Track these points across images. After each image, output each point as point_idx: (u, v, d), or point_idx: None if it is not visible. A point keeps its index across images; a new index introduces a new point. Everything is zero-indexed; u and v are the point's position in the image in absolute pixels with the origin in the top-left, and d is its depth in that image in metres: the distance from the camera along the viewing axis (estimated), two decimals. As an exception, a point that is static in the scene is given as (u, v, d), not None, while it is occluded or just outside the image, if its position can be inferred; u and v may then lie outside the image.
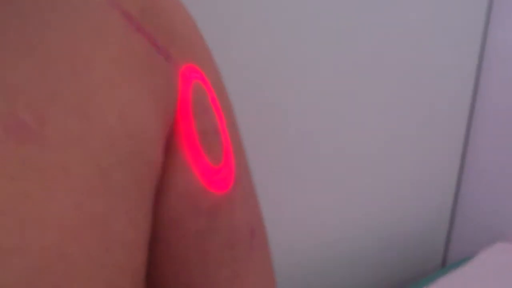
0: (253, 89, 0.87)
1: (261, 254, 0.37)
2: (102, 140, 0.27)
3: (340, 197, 1.08)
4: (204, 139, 0.33)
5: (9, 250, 0.22)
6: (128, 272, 0.28)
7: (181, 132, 0.32)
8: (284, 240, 1.01)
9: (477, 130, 1.31)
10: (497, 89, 1.26)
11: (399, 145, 1.16)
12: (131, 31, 0.29)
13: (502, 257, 1.20)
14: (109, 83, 0.28)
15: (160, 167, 0.31)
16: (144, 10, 0.30)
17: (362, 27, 0.99)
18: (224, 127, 0.34)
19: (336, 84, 0.98)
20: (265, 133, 0.91)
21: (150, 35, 0.30)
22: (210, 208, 0.33)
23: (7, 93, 0.24)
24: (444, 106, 1.23)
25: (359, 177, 1.10)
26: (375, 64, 1.04)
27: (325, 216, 1.06)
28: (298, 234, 1.03)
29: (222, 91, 0.36)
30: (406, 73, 1.10)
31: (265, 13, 0.84)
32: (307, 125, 0.96)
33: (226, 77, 0.82)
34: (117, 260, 0.27)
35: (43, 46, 0.26)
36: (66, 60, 0.26)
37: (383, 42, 1.03)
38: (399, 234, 1.25)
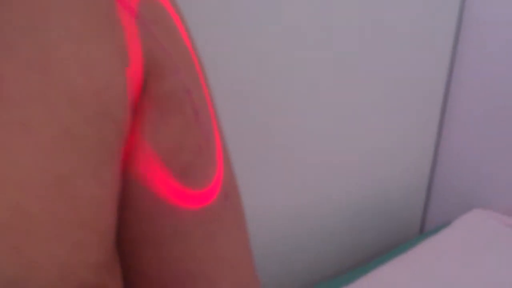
0: (236, 48, 0.85)
1: (234, 216, 0.37)
2: (65, 96, 0.26)
3: (318, 165, 1.08)
4: (174, 100, 0.32)
5: None
6: (96, 232, 0.27)
7: (150, 91, 0.31)
8: (262, 207, 1.01)
9: (455, 97, 1.32)
10: (475, 55, 1.26)
11: (375, 112, 1.16)
12: None
13: (479, 223, 1.22)
14: (72, 37, 0.27)
15: (128, 127, 0.30)
16: None
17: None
18: (192, 88, 0.33)
19: (316, 51, 0.98)
20: (244, 96, 0.90)
21: None
22: (181, 168, 0.32)
23: None
24: (422, 73, 1.23)
25: (336, 145, 1.10)
26: (354, 34, 1.03)
27: (302, 183, 1.07)
28: (275, 201, 1.03)
29: (195, 50, 0.35)
30: (385, 38, 1.10)
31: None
32: (287, 93, 0.96)
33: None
34: (84, 219, 0.27)
35: None
36: (24, 13, 0.25)
37: (366, 12, 1.03)
38: (377, 201, 1.26)
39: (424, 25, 1.17)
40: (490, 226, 1.21)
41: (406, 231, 1.41)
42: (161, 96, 0.31)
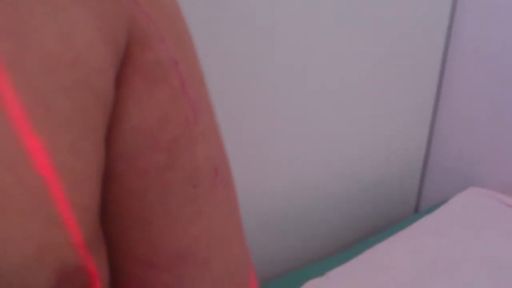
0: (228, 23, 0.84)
1: (225, 193, 0.35)
2: (41, 64, 0.25)
3: (312, 143, 1.07)
4: (159, 70, 0.30)
5: None
6: (76, 209, 0.26)
7: (134, 61, 0.29)
8: (255, 187, 1.01)
9: (450, 76, 1.30)
10: (472, 33, 1.25)
11: (371, 90, 1.14)
12: None
13: (474, 201, 1.22)
14: (49, 3, 0.25)
15: (111, 98, 0.28)
16: None
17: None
18: (179, 59, 0.32)
19: (310, 28, 0.96)
20: (237, 71, 0.89)
21: None
22: (168, 142, 0.31)
23: None
24: (417, 51, 1.21)
25: (331, 123, 1.09)
26: (349, 11, 1.01)
27: (297, 162, 1.06)
28: (269, 181, 1.02)
29: (181, 22, 0.33)
30: (380, 17, 1.08)
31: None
32: (282, 71, 0.94)
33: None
34: (63, 196, 0.25)
35: None
36: None
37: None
38: (372, 180, 1.26)
39: (419, 7, 1.15)
40: (485, 204, 1.20)
41: (401, 210, 1.40)
42: (145, 66, 0.30)
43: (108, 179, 0.30)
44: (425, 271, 0.97)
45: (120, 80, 0.29)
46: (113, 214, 0.31)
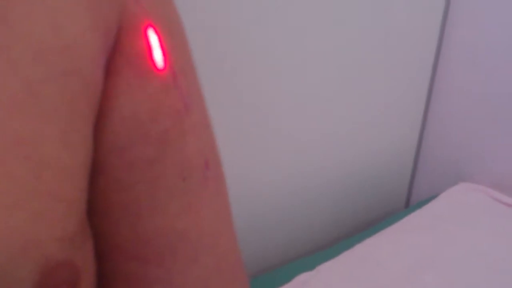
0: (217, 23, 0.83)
1: (215, 187, 0.35)
2: (29, 51, 0.24)
3: (302, 138, 1.07)
4: (150, 59, 0.30)
5: None
6: (62, 201, 0.25)
7: (126, 51, 0.29)
8: (245, 180, 1.00)
9: (443, 70, 1.30)
10: (465, 26, 1.24)
11: (363, 86, 1.14)
12: None
13: (465, 196, 1.22)
14: None
15: (100, 88, 0.28)
16: None
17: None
18: (170, 49, 0.31)
19: (302, 18, 0.95)
20: (228, 62, 0.88)
21: None
22: (158, 135, 0.30)
23: None
24: (410, 47, 1.21)
25: (322, 118, 1.09)
26: (342, 10, 1.01)
27: (287, 156, 1.05)
28: (259, 174, 1.02)
29: (173, 11, 0.33)
30: (372, 14, 1.07)
31: None
32: (272, 69, 0.94)
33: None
34: (49, 187, 0.24)
35: None
36: None
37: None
38: (362, 174, 1.26)
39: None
40: (476, 199, 1.21)
41: (392, 205, 1.41)
42: (135, 54, 0.29)
43: (97, 172, 0.30)
44: (415, 266, 0.97)
45: (110, 69, 0.29)
46: (101, 208, 0.31)
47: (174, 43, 0.32)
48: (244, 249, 1.06)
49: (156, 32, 0.30)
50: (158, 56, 0.30)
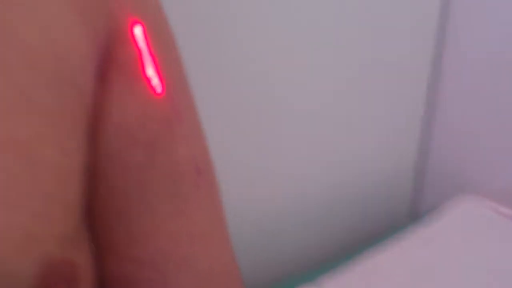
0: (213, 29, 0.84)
1: (208, 193, 0.36)
2: (21, 57, 0.25)
3: (300, 148, 1.06)
4: (140, 66, 0.31)
5: None
6: (60, 203, 0.27)
7: (116, 58, 0.30)
8: (246, 192, 1.00)
9: (445, 76, 1.29)
10: (465, 38, 1.24)
11: (361, 91, 1.13)
12: None
13: (468, 209, 1.21)
14: None
15: (92, 94, 0.29)
16: None
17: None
18: (158, 55, 0.32)
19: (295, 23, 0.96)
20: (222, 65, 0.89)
21: None
22: (148, 139, 0.31)
23: None
24: (409, 52, 1.20)
25: (319, 125, 1.08)
26: (338, 13, 1.01)
27: (286, 168, 1.05)
28: (257, 186, 1.02)
29: (161, 16, 0.34)
30: (370, 18, 1.08)
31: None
32: (264, 73, 0.94)
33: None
34: (47, 190, 0.26)
35: None
36: None
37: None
38: (364, 187, 1.25)
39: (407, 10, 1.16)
40: (480, 212, 1.20)
41: (394, 218, 1.40)
42: (124, 61, 0.30)
43: (95, 178, 0.31)
44: (418, 279, 0.97)
45: (101, 75, 0.30)
46: (99, 213, 0.32)
47: (163, 48, 0.33)
48: (244, 262, 1.06)
49: (145, 39, 0.31)
50: (147, 63, 0.31)
